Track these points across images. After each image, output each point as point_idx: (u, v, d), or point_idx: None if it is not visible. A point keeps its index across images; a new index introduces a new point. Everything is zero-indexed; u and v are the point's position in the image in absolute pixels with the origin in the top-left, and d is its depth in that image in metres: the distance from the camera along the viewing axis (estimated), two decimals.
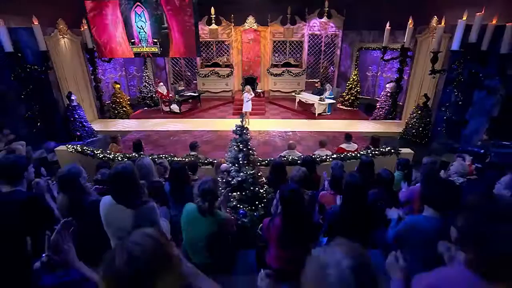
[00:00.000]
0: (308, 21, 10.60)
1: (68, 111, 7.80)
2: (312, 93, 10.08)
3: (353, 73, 10.42)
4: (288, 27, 10.69)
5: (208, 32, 10.87)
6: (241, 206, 2.53)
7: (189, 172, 3.22)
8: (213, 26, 10.73)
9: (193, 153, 4.24)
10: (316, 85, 10.69)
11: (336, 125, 8.79)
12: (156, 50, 8.69)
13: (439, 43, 6.69)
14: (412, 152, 4.48)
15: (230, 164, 2.64)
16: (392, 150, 4.28)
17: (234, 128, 2.61)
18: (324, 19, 10.53)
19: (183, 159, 4.09)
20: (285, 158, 3.96)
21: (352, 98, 10.20)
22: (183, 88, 10.54)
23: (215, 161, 3.78)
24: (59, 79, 7.90)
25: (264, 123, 8.93)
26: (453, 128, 7.06)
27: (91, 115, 9.18)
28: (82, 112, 7.98)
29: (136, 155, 4.09)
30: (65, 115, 7.85)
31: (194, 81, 11.84)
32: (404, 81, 9.27)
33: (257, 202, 2.66)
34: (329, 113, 9.58)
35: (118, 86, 9.56)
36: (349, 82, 10.34)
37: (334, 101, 9.62)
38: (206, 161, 3.96)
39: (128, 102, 9.86)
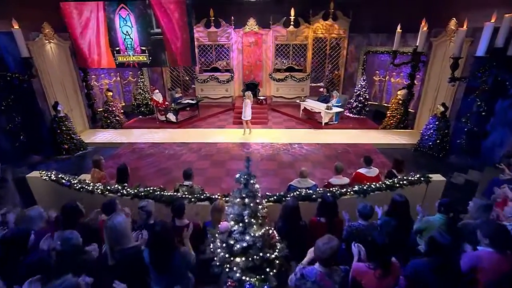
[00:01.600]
0: (312, 23, 10.00)
1: (55, 122, 7.21)
2: (317, 100, 9.45)
3: (361, 78, 9.82)
4: (291, 29, 10.09)
5: (206, 35, 10.27)
6: (247, 279, 1.90)
7: (175, 217, 2.58)
8: (212, 28, 10.16)
9: (187, 182, 3.58)
10: (321, 90, 10.08)
11: (345, 135, 8.17)
12: (145, 59, 7.77)
13: (460, 48, 6.06)
14: (444, 179, 3.82)
15: (233, 223, 2.00)
16: (422, 178, 3.64)
17: (237, 176, 1.96)
18: (329, 21, 9.97)
19: (175, 192, 3.45)
20: (297, 192, 3.32)
21: (360, 105, 9.58)
22: (181, 95, 9.90)
23: (214, 197, 3.15)
24: (45, 88, 7.33)
25: (267, 134, 8.32)
26: (474, 140, 6.48)
27: (81, 125, 8.60)
28: (70, 123, 7.38)
29: (119, 187, 3.45)
30: (52, 126, 7.24)
31: (193, 86, 11.25)
32: (416, 87, 8.67)
33: (268, 269, 2.02)
34: (336, 122, 8.94)
35: (110, 93, 8.94)
36: (357, 88, 9.72)
37: (342, 110, 8.99)
38: (202, 196, 3.30)
39: (122, 111, 9.24)
